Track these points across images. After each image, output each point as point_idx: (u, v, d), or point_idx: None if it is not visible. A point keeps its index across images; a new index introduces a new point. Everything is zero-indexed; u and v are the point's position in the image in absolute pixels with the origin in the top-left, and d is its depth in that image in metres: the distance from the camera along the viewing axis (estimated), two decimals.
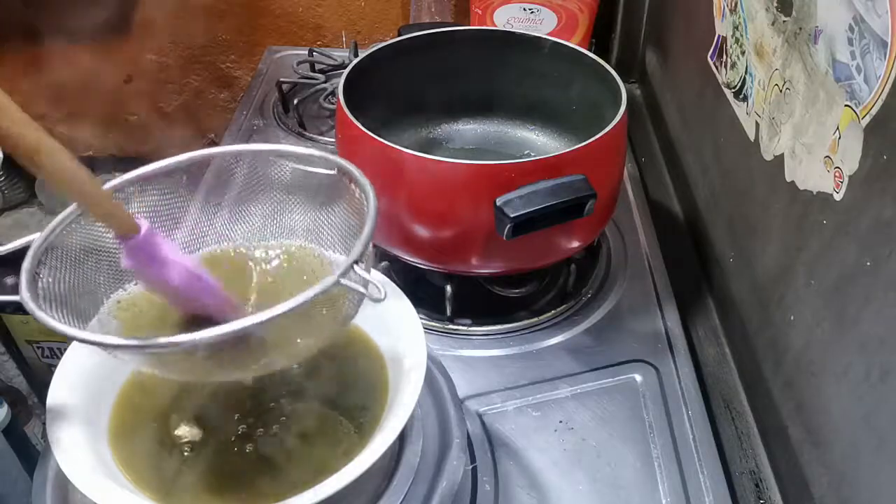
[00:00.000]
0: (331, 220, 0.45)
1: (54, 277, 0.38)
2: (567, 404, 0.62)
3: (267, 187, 0.45)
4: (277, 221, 0.46)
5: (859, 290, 0.45)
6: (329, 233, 0.45)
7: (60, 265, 0.39)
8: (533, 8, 0.99)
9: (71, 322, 0.38)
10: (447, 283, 0.67)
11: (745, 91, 0.64)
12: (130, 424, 0.45)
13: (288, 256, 0.46)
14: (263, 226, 0.46)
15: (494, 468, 0.57)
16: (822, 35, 0.49)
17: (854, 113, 0.44)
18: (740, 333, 0.64)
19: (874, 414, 0.43)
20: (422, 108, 0.79)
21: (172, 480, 0.42)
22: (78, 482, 0.38)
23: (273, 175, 0.45)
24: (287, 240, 0.46)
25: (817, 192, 0.50)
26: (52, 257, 0.38)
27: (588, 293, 0.73)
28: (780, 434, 0.55)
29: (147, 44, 1.23)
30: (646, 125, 0.99)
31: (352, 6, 1.19)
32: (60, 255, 0.39)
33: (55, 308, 0.37)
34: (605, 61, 0.70)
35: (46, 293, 0.37)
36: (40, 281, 0.37)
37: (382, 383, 0.47)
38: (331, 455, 0.43)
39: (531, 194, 0.56)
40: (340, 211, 0.44)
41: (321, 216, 0.45)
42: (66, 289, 0.38)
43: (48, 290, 0.37)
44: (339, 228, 0.45)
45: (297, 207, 0.46)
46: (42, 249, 0.37)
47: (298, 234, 0.46)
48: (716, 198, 0.73)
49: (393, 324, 0.48)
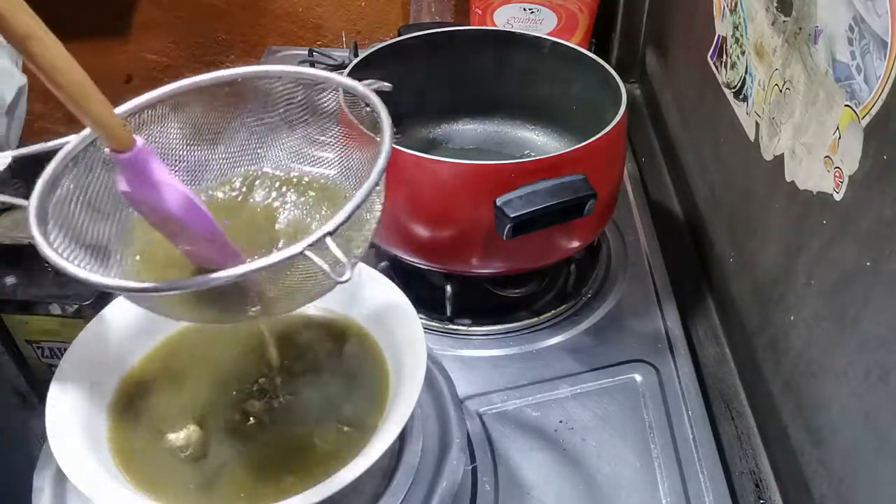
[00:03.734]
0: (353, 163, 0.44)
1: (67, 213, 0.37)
2: (567, 404, 0.62)
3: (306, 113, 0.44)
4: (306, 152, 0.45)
5: (859, 290, 0.45)
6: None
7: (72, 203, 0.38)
8: (533, 8, 0.99)
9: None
10: (447, 283, 0.67)
11: (745, 91, 0.64)
12: (130, 425, 0.45)
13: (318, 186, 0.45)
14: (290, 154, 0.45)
15: (494, 468, 0.57)
16: (822, 35, 0.49)
17: (854, 113, 0.44)
18: (740, 333, 0.64)
19: (874, 414, 0.43)
20: (422, 108, 0.79)
21: (172, 480, 0.42)
22: (78, 482, 0.38)
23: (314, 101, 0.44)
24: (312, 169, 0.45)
25: (817, 192, 0.50)
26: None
27: (588, 293, 0.73)
28: (780, 434, 0.55)
29: (147, 44, 1.23)
30: (646, 125, 0.99)
31: (352, 6, 1.19)
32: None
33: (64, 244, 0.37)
34: (605, 61, 0.70)
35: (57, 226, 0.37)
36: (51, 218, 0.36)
37: (382, 383, 0.47)
38: (331, 455, 0.43)
39: (531, 194, 0.56)
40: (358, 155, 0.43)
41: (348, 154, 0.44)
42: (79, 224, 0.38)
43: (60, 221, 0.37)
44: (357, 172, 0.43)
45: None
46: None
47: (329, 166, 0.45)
48: (716, 198, 0.73)
49: (393, 324, 0.48)
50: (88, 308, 0.62)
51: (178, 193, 0.35)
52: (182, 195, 0.35)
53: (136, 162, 0.33)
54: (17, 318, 0.65)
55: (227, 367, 0.49)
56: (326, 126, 0.44)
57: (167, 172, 0.35)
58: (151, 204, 0.35)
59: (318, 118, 0.44)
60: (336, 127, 0.44)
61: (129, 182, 0.34)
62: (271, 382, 0.48)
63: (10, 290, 0.63)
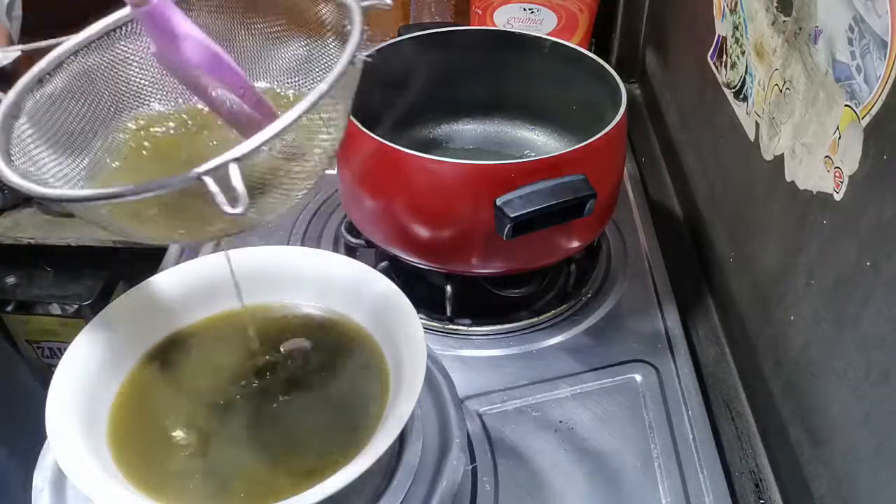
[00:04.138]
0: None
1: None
2: (567, 404, 0.62)
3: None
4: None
5: (859, 290, 0.45)
6: None
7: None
8: (533, 8, 0.99)
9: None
10: (447, 283, 0.67)
11: (745, 91, 0.64)
12: (130, 424, 0.45)
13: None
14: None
15: (494, 468, 0.57)
16: (822, 35, 0.49)
17: (854, 113, 0.44)
18: (740, 333, 0.64)
19: (874, 414, 0.43)
20: (422, 107, 0.79)
21: (171, 480, 0.42)
22: (78, 482, 0.38)
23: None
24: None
25: (817, 192, 0.50)
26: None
27: (588, 293, 0.73)
28: (780, 434, 0.55)
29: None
30: (646, 125, 0.99)
31: None
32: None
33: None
34: (605, 61, 0.70)
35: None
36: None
37: (382, 383, 0.47)
38: (331, 455, 0.43)
39: (531, 194, 0.56)
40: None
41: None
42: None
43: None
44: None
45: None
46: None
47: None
48: (716, 198, 0.73)
49: (393, 324, 0.48)
50: (88, 308, 0.62)
51: (200, 45, 0.36)
52: (204, 47, 0.36)
53: (155, 15, 0.34)
54: (18, 317, 0.66)
55: (227, 366, 0.49)
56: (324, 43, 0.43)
57: (189, 25, 0.35)
58: (178, 61, 0.36)
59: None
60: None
61: (154, 38, 0.35)
62: (271, 382, 0.48)
63: (10, 290, 0.64)
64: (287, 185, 0.38)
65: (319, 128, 0.37)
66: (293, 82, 0.44)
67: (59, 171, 0.39)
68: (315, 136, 0.38)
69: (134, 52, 0.42)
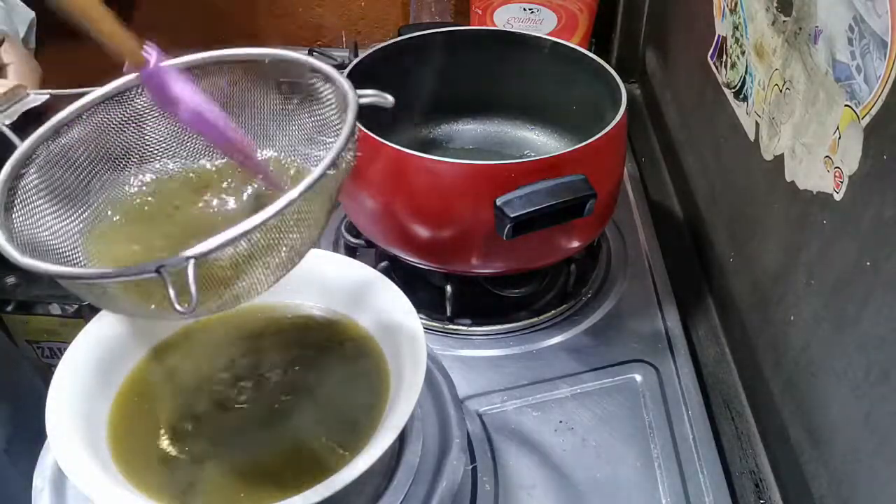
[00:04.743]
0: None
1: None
2: (567, 404, 0.62)
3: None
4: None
5: (859, 290, 0.45)
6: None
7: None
8: (533, 8, 0.99)
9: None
10: (447, 283, 0.67)
11: (745, 91, 0.64)
12: (130, 424, 0.45)
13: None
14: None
15: (494, 468, 0.57)
16: (822, 35, 0.49)
17: (854, 113, 0.44)
18: (740, 333, 0.64)
19: (874, 414, 0.43)
20: (422, 108, 0.79)
21: (171, 480, 0.42)
22: (78, 482, 0.38)
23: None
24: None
25: (817, 192, 0.50)
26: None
27: (588, 293, 0.73)
28: (780, 434, 0.55)
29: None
30: (646, 125, 0.99)
31: (352, 6, 1.19)
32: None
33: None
34: (605, 61, 0.70)
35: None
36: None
37: (382, 383, 0.47)
38: (330, 455, 0.43)
39: (531, 194, 0.56)
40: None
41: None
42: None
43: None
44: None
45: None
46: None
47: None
48: (716, 198, 0.73)
49: (393, 324, 0.48)
50: (88, 308, 0.62)
51: (190, 110, 0.37)
52: (194, 112, 0.38)
53: (153, 77, 0.37)
54: (18, 317, 0.65)
55: (227, 367, 0.49)
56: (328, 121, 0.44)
57: (185, 89, 0.37)
58: (176, 116, 0.38)
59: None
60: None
61: (154, 95, 0.38)
62: (272, 382, 0.48)
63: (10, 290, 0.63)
64: (260, 274, 0.37)
65: (290, 228, 0.36)
66: (300, 152, 0.44)
67: (56, 224, 0.39)
68: (286, 235, 0.37)
69: (150, 109, 0.43)
